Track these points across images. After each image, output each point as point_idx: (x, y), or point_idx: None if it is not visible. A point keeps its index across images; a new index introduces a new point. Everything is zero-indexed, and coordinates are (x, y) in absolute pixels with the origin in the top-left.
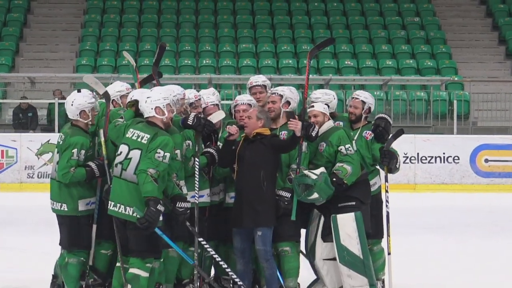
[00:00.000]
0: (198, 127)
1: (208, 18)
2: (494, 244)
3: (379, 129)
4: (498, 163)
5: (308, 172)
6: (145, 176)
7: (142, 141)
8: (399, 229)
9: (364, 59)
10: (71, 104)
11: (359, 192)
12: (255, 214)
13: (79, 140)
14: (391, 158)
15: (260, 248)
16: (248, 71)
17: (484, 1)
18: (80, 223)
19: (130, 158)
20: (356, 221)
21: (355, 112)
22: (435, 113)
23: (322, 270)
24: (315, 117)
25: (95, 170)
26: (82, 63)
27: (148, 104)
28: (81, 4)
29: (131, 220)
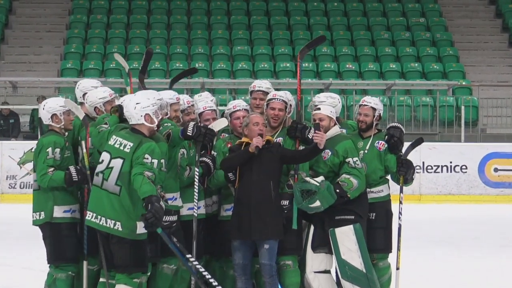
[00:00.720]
0: (198, 137)
1: (200, 19)
2: (504, 259)
3: (394, 139)
4: (509, 173)
5: (309, 179)
6: (142, 178)
7: (125, 149)
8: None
9: (366, 62)
10: (43, 108)
11: (357, 206)
12: (263, 226)
13: (51, 139)
14: (408, 168)
15: (266, 263)
16: (243, 75)
17: (494, 1)
18: (62, 233)
19: (111, 167)
20: (356, 233)
21: (366, 120)
22: (441, 120)
23: (313, 283)
24: (320, 121)
25: (73, 174)
26: (67, 67)
27: (137, 111)
28: (66, 4)
29: (114, 234)
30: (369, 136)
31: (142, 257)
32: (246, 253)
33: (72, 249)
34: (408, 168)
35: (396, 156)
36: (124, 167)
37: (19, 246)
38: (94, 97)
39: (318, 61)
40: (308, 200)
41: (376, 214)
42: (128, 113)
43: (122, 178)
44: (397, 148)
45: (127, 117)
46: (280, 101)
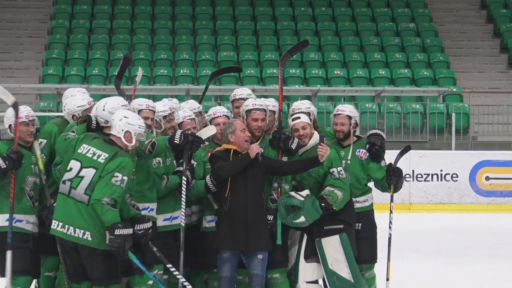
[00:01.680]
0: (186, 145)
1: (185, 24)
2: (496, 269)
3: (375, 147)
4: (500, 181)
5: (294, 194)
6: (101, 206)
7: (99, 159)
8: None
9: (355, 69)
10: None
11: (345, 214)
12: (259, 236)
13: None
14: (399, 176)
15: (259, 274)
16: (229, 81)
17: (485, 6)
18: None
19: (81, 176)
20: (342, 243)
21: (343, 129)
22: (431, 127)
23: None
24: (303, 129)
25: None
26: (49, 73)
27: (121, 124)
28: (47, 9)
29: (83, 244)
30: (349, 145)
31: (116, 267)
32: (234, 265)
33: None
34: (399, 177)
35: (387, 165)
36: (95, 177)
37: None
38: (72, 105)
39: (305, 67)
40: (292, 215)
41: (362, 224)
42: (113, 121)
43: (92, 187)
44: (379, 156)
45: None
46: (261, 110)
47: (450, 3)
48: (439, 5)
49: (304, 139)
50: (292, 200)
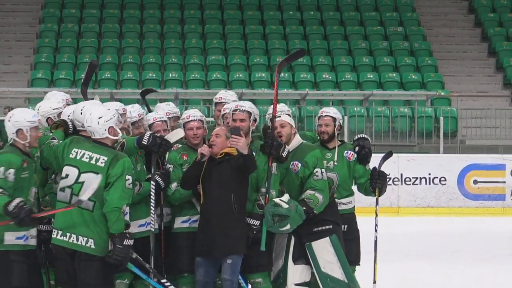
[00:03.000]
0: (153, 147)
1: (174, 27)
2: (484, 272)
3: (364, 150)
4: (488, 185)
5: (278, 201)
6: (118, 215)
7: (98, 163)
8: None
9: (343, 72)
10: (8, 120)
11: (332, 214)
12: (226, 241)
13: (6, 157)
14: (384, 180)
15: (227, 278)
16: (217, 85)
17: (473, 10)
18: (10, 260)
19: (81, 182)
20: (333, 245)
21: (328, 130)
22: (420, 131)
23: None
24: (282, 127)
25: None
26: (38, 77)
27: (101, 126)
28: (36, 12)
29: (84, 252)
30: (335, 147)
31: (111, 274)
32: (209, 269)
33: (19, 276)
34: (384, 181)
35: (372, 169)
36: (102, 183)
37: None
38: (48, 107)
39: (294, 71)
40: (279, 224)
41: (348, 226)
42: (91, 128)
43: (99, 194)
44: (367, 159)
45: (90, 132)
46: (243, 112)
47: (438, 7)
48: (427, 9)
49: (281, 137)
50: (279, 209)
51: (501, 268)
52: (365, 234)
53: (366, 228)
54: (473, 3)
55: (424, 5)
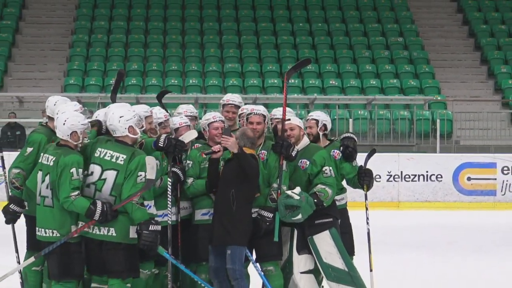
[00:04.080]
0: (169, 148)
1: (194, 38)
2: (477, 262)
3: (349, 149)
4: (480, 181)
5: (290, 193)
6: (131, 205)
7: (118, 161)
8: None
9: (348, 79)
10: (63, 124)
11: (332, 208)
12: (224, 232)
13: (74, 158)
14: (371, 177)
15: (229, 267)
16: (234, 90)
17: (467, 21)
18: (71, 251)
19: (104, 179)
20: (333, 237)
21: (311, 132)
22: (418, 132)
23: (299, 283)
24: (291, 130)
25: (98, 211)
26: (70, 83)
27: (122, 124)
28: (69, 24)
29: (108, 240)
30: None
31: (135, 261)
32: (218, 257)
33: (78, 265)
34: (370, 177)
35: (359, 167)
36: (118, 179)
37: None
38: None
39: (303, 78)
40: (291, 214)
41: (341, 220)
42: (112, 126)
43: (116, 188)
44: (352, 157)
45: (111, 130)
46: (258, 115)
47: (435, 19)
48: (425, 21)
49: (290, 138)
50: (291, 200)
51: (493, 258)
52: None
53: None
54: (467, 16)
55: (422, 18)
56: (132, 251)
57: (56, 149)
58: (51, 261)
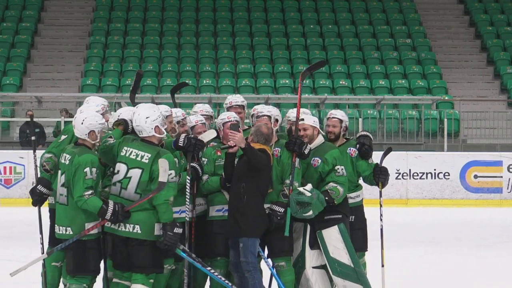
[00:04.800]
0: (189, 147)
1: (208, 39)
2: (484, 257)
3: (365, 147)
4: (487, 179)
5: (302, 189)
6: (166, 206)
7: (143, 160)
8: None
9: (358, 79)
10: (81, 123)
11: (342, 206)
12: (236, 225)
13: (89, 158)
14: (386, 174)
15: (242, 260)
16: (246, 90)
17: (473, 24)
18: (87, 247)
19: (129, 177)
20: (341, 232)
21: (334, 131)
22: (426, 131)
23: (311, 278)
24: (304, 131)
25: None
26: (87, 83)
27: (148, 124)
28: (86, 26)
29: (133, 237)
30: (340, 145)
31: (160, 258)
32: (235, 251)
33: (94, 261)
34: (386, 175)
35: (375, 165)
36: (143, 177)
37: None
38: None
39: (314, 78)
40: (302, 210)
41: (355, 217)
42: (139, 127)
43: (141, 186)
44: (368, 155)
45: (138, 131)
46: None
47: (443, 21)
48: (432, 23)
49: (304, 138)
50: (302, 197)
51: (498, 253)
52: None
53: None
54: (473, 18)
55: (430, 20)
56: (157, 248)
57: (73, 148)
58: (68, 256)
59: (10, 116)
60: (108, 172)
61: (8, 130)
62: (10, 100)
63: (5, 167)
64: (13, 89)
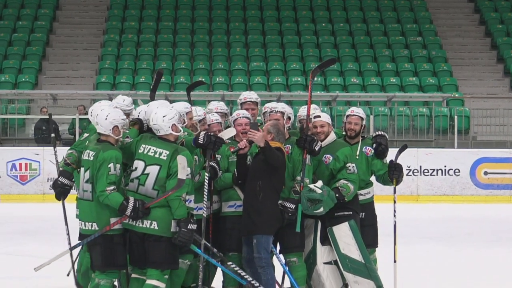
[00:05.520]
0: (209, 145)
1: (221, 38)
2: (494, 253)
3: (382, 146)
4: (497, 176)
5: (313, 187)
6: (178, 202)
7: (161, 157)
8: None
9: (369, 77)
10: (105, 119)
11: (352, 203)
12: (250, 222)
13: (113, 154)
14: (400, 171)
15: (256, 256)
16: (259, 88)
17: (483, 21)
18: (114, 242)
19: (147, 173)
20: (351, 229)
21: (356, 128)
22: (436, 128)
23: (322, 274)
24: (322, 127)
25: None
26: (102, 81)
27: (165, 123)
28: (100, 25)
29: (151, 233)
30: (356, 143)
31: (175, 254)
32: (249, 247)
33: (121, 256)
34: (400, 172)
35: (389, 161)
36: (161, 173)
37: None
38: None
39: (326, 76)
40: (313, 207)
41: (366, 213)
42: (156, 125)
43: (159, 183)
44: (384, 154)
45: (155, 129)
46: (277, 112)
47: (453, 19)
48: (443, 21)
49: (320, 135)
50: (313, 194)
51: (509, 249)
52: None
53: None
54: (483, 16)
55: (440, 18)
56: (173, 244)
57: (96, 144)
58: (94, 252)
59: (26, 114)
60: (128, 171)
61: (23, 127)
62: (26, 97)
63: (21, 163)
64: (28, 86)
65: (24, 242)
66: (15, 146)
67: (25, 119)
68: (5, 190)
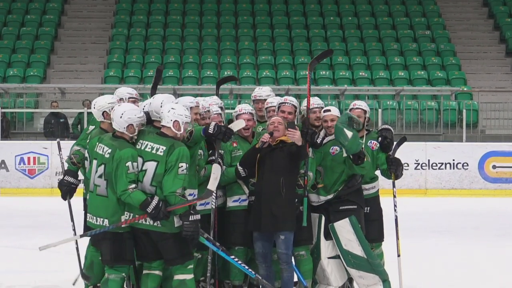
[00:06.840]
0: (219, 135)
1: (229, 31)
2: (502, 247)
3: (387, 140)
4: (505, 169)
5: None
6: (174, 198)
7: (158, 153)
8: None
9: (377, 71)
10: (120, 117)
11: (358, 197)
12: (274, 219)
13: (129, 152)
14: (398, 165)
15: (283, 252)
16: (267, 82)
17: (492, 15)
18: (124, 237)
19: (145, 170)
20: (352, 224)
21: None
22: (445, 122)
23: (327, 268)
24: (332, 121)
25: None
26: (110, 75)
27: (170, 115)
28: (109, 18)
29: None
30: (361, 137)
31: (186, 246)
32: (265, 243)
33: (130, 251)
34: (397, 166)
35: (385, 155)
36: (159, 169)
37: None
38: (103, 101)
39: (334, 69)
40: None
41: (371, 208)
42: (162, 114)
43: (156, 179)
44: (389, 148)
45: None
46: (290, 105)
47: (462, 13)
48: (451, 14)
49: (331, 129)
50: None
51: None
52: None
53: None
54: (492, 9)
55: (449, 11)
56: (181, 238)
57: (112, 140)
58: (104, 247)
59: (34, 107)
60: None
61: (32, 121)
62: (34, 91)
63: (29, 157)
64: (37, 80)
65: (32, 236)
66: (23, 140)
67: (33, 113)
68: (14, 184)
